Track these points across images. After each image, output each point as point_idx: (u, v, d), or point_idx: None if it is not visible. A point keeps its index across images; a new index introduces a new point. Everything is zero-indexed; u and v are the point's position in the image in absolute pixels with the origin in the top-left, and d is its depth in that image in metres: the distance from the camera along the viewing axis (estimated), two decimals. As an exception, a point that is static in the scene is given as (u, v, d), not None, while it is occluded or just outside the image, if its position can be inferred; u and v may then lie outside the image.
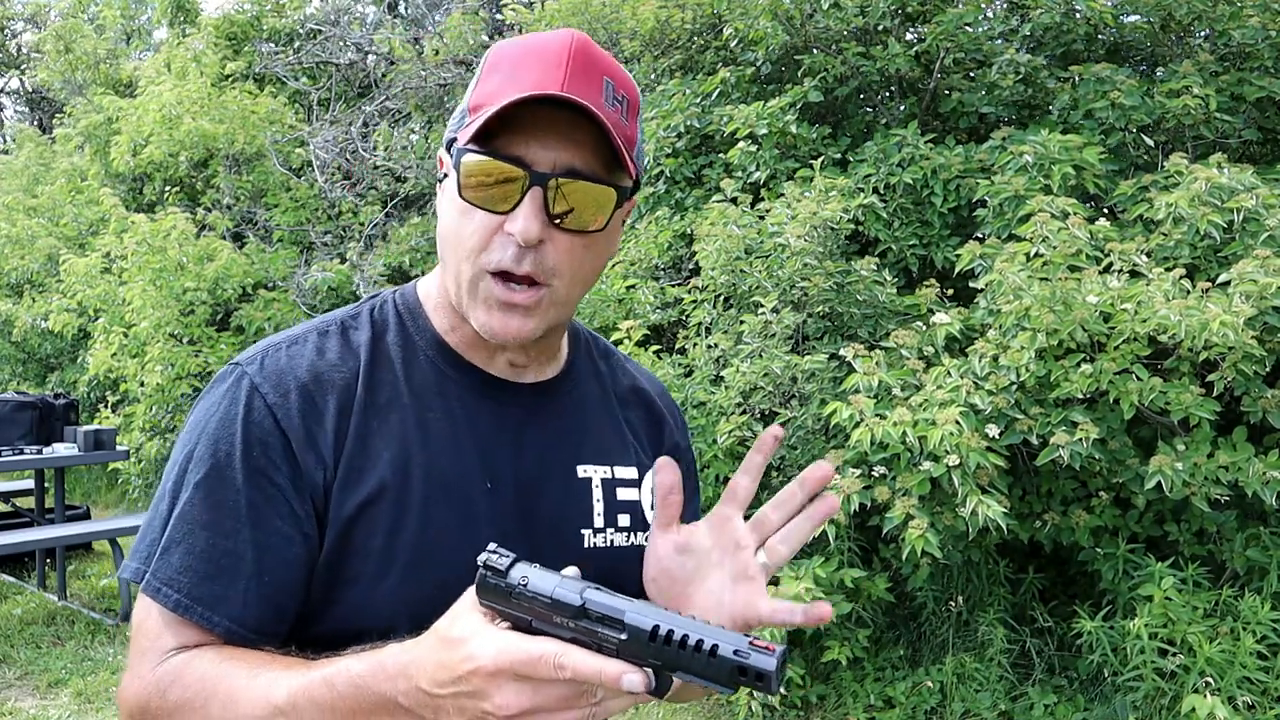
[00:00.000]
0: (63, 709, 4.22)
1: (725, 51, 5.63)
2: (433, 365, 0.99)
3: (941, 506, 3.46)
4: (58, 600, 5.59)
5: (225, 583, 0.88)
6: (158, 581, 0.89)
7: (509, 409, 1.00)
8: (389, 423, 0.95)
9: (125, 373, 7.31)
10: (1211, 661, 3.22)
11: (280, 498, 0.90)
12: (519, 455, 0.99)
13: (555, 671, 0.71)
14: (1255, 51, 4.41)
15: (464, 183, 0.89)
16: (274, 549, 0.90)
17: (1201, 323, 3.03)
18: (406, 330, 1.00)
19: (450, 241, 0.94)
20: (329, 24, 8.66)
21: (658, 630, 0.71)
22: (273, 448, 0.90)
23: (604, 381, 1.11)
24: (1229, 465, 3.23)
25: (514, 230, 0.88)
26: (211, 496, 0.90)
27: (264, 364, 0.94)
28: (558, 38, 0.91)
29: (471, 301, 0.93)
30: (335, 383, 0.94)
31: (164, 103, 7.58)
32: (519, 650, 0.72)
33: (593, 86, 0.90)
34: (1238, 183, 3.55)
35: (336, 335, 0.99)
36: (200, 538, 0.89)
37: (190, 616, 0.88)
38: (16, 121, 18.70)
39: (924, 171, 4.30)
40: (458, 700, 0.74)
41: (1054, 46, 4.85)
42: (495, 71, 0.92)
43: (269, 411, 0.91)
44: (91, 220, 8.92)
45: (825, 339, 4.10)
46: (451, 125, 0.95)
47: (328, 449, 0.92)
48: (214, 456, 0.90)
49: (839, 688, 3.98)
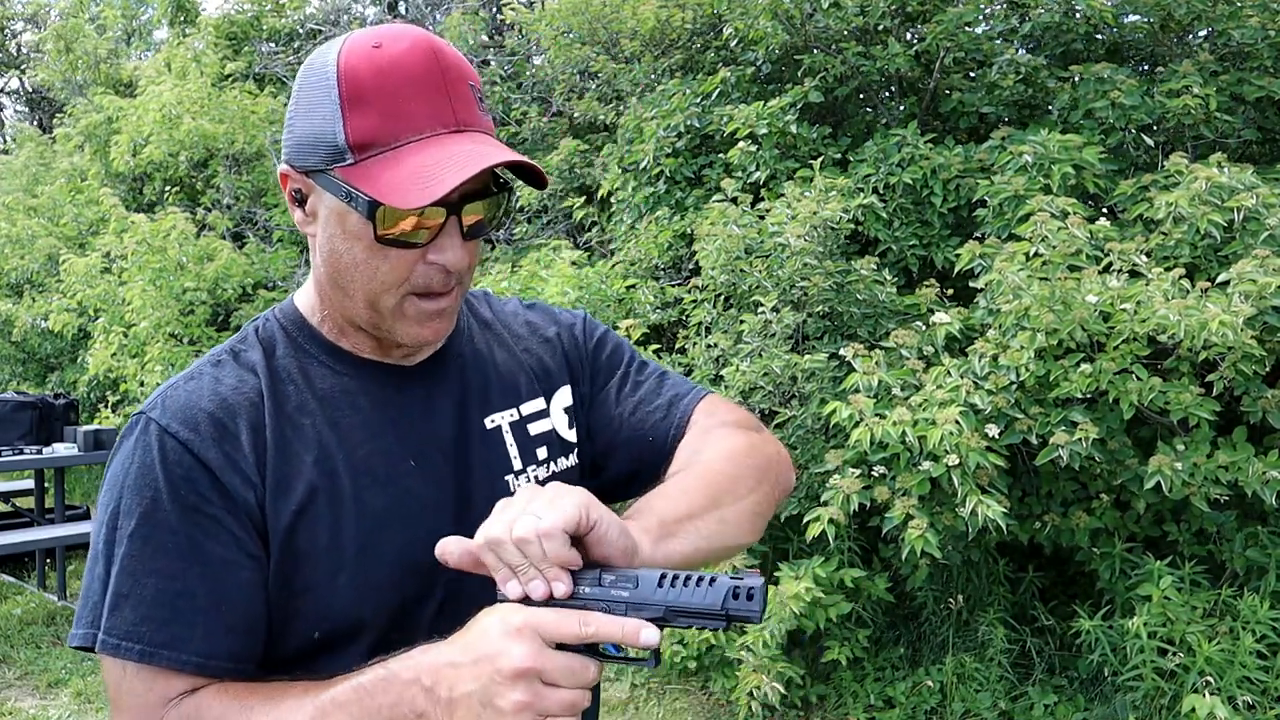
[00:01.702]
0: (63, 709, 4.23)
1: (725, 51, 5.63)
2: (330, 370, 1.02)
3: (941, 506, 3.46)
4: (58, 600, 5.59)
5: (185, 623, 0.89)
6: (115, 639, 0.88)
7: (411, 390, 1.04)
8: (303, 429, 0.97)
9: (125, 373, 7.30)
10: (1211, 661, 3.22)
11: (217, 527, 0.91)
12: (432, 428, 1.03)
13: (580, 628, 0.78)
14: (1255, 51, 4.41)
15: (381, 227, 0.91)
16: (224, 578, 0.90)
17: (1201, 322, 3.03)
18: (297, 343, 1.03)
19: (357, 275, 0.95)
20: (329, 24, 8.67)
21: (664, 576, 0.81)
22: (198, 481, 0.91)
23: (493, 329, 1.15)
24: (1229, 465, 3.23)
25: (442, 260, 0.93)
26: (149, 543, 0.90)
27: (166, 405, 0.95)
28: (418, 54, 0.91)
29: (397, 321, 0.97)
30: (241, 404, 0.96)
31: (164, 103, 7.58)
32: (547, 613, 0.79)
33: (468, 100, 0.93)
34: (1238, 182, 3.55)
35: (230, 362, 1.01)
36: (148, 585, 0.89)
37: (158, 663, 0.88)
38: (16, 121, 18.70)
39: (924, 171, 4.30)
40: (478, 665, 0.79)
41: (1054, 46, 4.85)
42: (364, 101, 0.90)
43: (183, 448, 0.92)
44: (91, 220, 8.91)
45: (825, 339, 4.10)
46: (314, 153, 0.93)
47: (250, 468, 0.93)
48: (141, 505, 0.91)
49: (839, 688, 3.98)
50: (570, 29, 6.40)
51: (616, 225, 5.42)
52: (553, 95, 6.69)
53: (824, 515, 3.40)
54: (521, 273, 5.05)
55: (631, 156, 5.25)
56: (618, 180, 5.33)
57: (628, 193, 5.26)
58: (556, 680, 0.78)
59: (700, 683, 4.21)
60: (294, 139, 0.95)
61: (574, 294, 4.68)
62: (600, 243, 5.88)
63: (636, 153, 5.21)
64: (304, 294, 1.07)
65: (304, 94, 0.94)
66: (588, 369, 1.18)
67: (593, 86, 6.49)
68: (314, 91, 0.93)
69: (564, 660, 0.79)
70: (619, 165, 5.35)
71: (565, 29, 6.44)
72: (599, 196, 5.72)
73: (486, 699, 0.78)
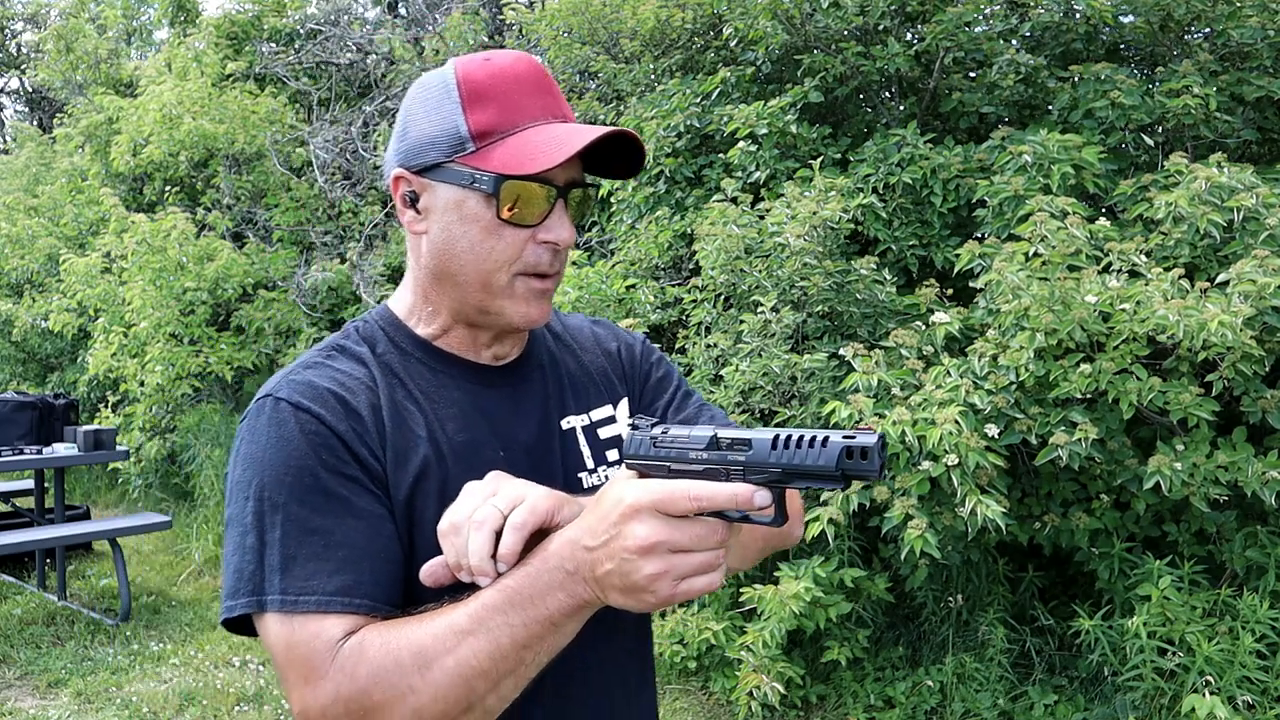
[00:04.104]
0: (63, 709, 4.23)
1: (725, 51, 5.63)
2: (427, 367, 1.12)
3: (941, 506, 3.46)
4: (58, 600, 5.59)
5: (351, 572, 0.96)
6: (293, 595, 0.95)
7: (500, 389, 1.14)
8: (411, 413, 1.07)
9: (125, 373, 7.31)
10: (1211, 661, 3.22)
11: (360, 487, 1.00)
12: (517, 423, 1.13)
13: (689, 501, 0.83)
14: (1254, 51, 4.41)
15: (505, 202, 1.03)
16: (377, 530, 0.99)
17: (1200, 323, 3.03)
18: (396, 344, 1.13)
19: (472, 258, 1.06)
20: (329, 24, 8.66)
21: (778, 438, 0.83)
22: (335, 448, 1.00)
23: (563, 340, 1.26)
24: (1228, 465, 3.23)
25: (554, 238, 1.05)
26: (305, 505, 0.97)
27: (291, 386, 1.04)
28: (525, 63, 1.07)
29: (508, 300, 1.07)
30: (358, 387, 1.06)
31: (164, 102, 7.58)
32: (657, 486, 0.85)
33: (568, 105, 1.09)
34: (1238, 182, 3.55)
35: (339, 355, 1.10)
36: (312, 543, 0.96)
37: (333, 610, 0.94)
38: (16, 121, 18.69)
39: (924, 171, 4.30)
40: (608, 546, 0.85)
41: (1053, 46, 4.85)
42: (484, 98, 1.04)
43: (317, 420, 1.01)
44: (91, 220, 8.92)
45: (825, 338, 4.10)
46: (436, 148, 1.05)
47: (373, 441, 1.03)
48: (290, 474, 0.98)
49: (839, 688, 3.98)
50: (570, 29, 6.41)
51: (616, 225, 5.42)
52: (553, 95, 6.68)
53: (824, 515, 3.40)
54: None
55: (631, 156, 5.25)
56: (618, 180, 5.33)
57: (628, 192, 5.26)
58: (685, 546, 0.84)
59: (700, 683, 4.21)
60: (407, 144, 1.07)
61: (574, 294, 4.68)
62: (600, 242, 5.89)
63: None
64: (398, 299, 1.17)
65: (418, 105, 1.08)
66: (639, 386, 1.28)
67: (593, 86, 6.49)
68: (430, 99, 1.06)
69: (688, 528, 0.84)
70: (619, 165, 5.34)
71: (565, 29, 6.45)
72: (599, 196, 5.71)
73: (624, 574, 0.85)
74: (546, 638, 0.90)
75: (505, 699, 0.92)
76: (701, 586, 0.86)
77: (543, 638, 0.90)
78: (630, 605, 0.88)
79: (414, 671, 0.89)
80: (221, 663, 4.73)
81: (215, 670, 4.63)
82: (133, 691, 4.40)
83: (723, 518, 0.86)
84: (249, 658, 4.77)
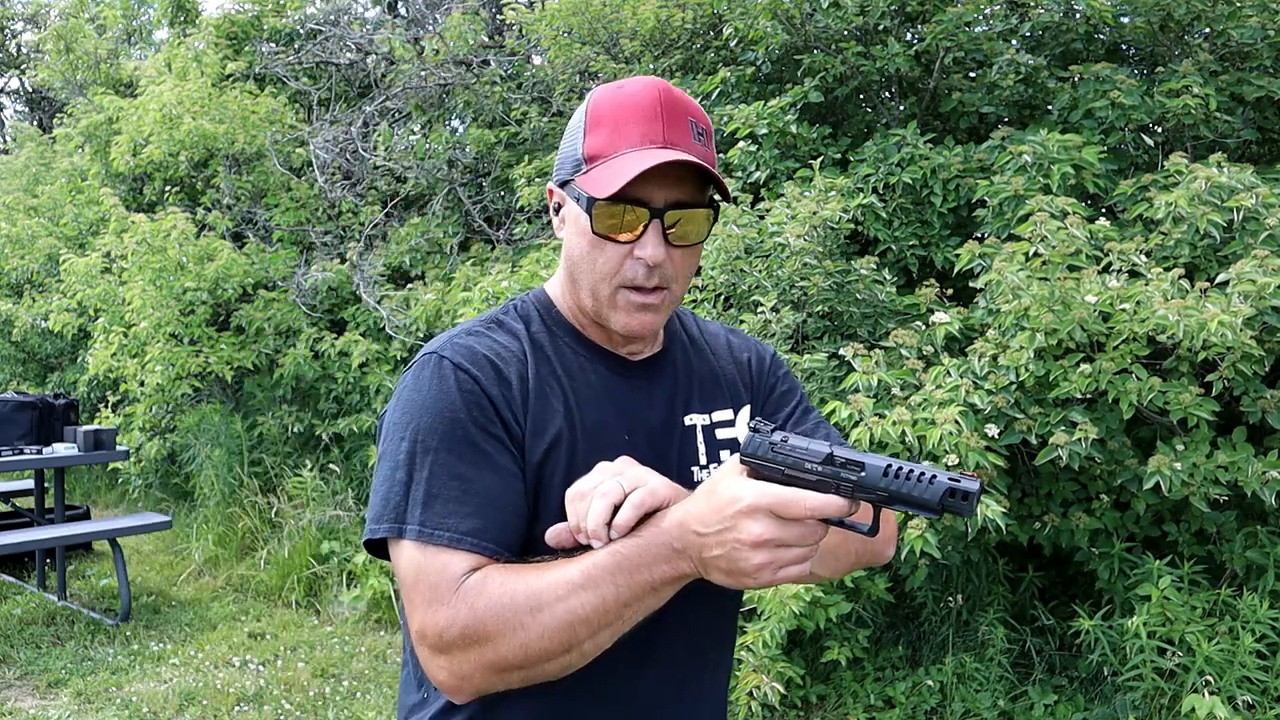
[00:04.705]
0: (63, 709, 4.23)
1: (725, 51, 5.63)
2: (572, 350, 1.23)
3: (941, 506, 3.45)
4: (58, 600, 5.59)
5: (484, 516, 1.08)
6: (430, 528, 1.07)
7: (634, 380, 1.25)
8: (553, 388, 1.18)
9: (125, 373, 7.31)
10: (1211, 661, 3.22)
11: (502, 446, 1.12)
12: (645, 413, 1.24)
13: (805, 511, 0.94)
14: (1254, 51, 4.41)
15: (596, 221, 1.14)
16: (511, 484, 1.11)
17: (1200, 323, 3.03)
18: (547, 324, 1.25)
19: (584, 266, 1.18)
20: (329, 24, 8.66)
21: (889, 467, 0.93)
22: (485, 408, 1.12)
23: (698, 345, 1.36)
24: (1228, 465, 3.23)
25: (644, 255, 1.14)
26: (453, 453, 1.10)
27: (455, 348, 1.16)
28: (648, 92, 1.16)
29: (611, 310, 1.18)
30: (510, 358, 1.17)
31: (164, 103, 7.57)
32: (776, 491, 0.95)
33: (683, 129, 1.16)
34: (1238, 182, 3.55)
35: (497, 328, 1.22)
36: (453, 487, 1.08)
37: (463, 547, 1.06)
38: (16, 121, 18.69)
39: (924, 171, 4.30)
40: (720, 535, 0.96)
41: (1054, 46, 4.85)
42: (600, 125, 1.16)
43: (474, 381, 1.13)
44: (91, 220, 8.91)
45: (825, 338, 4.10)
46: (564, 168, 1.20)
47: (518, 408, 1.14)
48: (443, 423, 1.11)
49: (839, 688, 3.98)
50: (570, 29, 6.41)
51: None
52: (553, 95, 6.69)
53: (824, 515, 3.39)
54: (522, 272, 5.04)
55: (631, 156, 5.25)
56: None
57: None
58: (789, 543, 0.95)
59: (700, 682, 4.21)
60: (557, 161, 1.22)
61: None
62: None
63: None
64: (554, 284, 1.29)
65: (569, 127, 1.21)
66: (763, 396, 1.37)
67: (593, 86, 6.48)
68: (574, 122, 1.20)
69: (796, 529, 0.95)
70: (619, 165, 5.34)
71: (565, 29, 6.45)
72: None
73: (732, 561, 0.96)
74: (645, 599, 1.01)
75: (600, 646, 1.03)
76: (795, 574, 0.98)
77: (642, 599, 1.01)
78: (728, 584, 0.99)
79: (526, 611, 1.00)
80: (221, 663, 4.73)
81: (215, 670, 4.63)
82: (133, 691, 4.40)
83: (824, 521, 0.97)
84: (249, 658, 4.77)
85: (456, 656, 1.03)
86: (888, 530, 1.25)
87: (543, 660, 1.02)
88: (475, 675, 1.03)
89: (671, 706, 1.21)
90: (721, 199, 1.22)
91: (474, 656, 1.02)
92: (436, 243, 6.82)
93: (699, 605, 1.17)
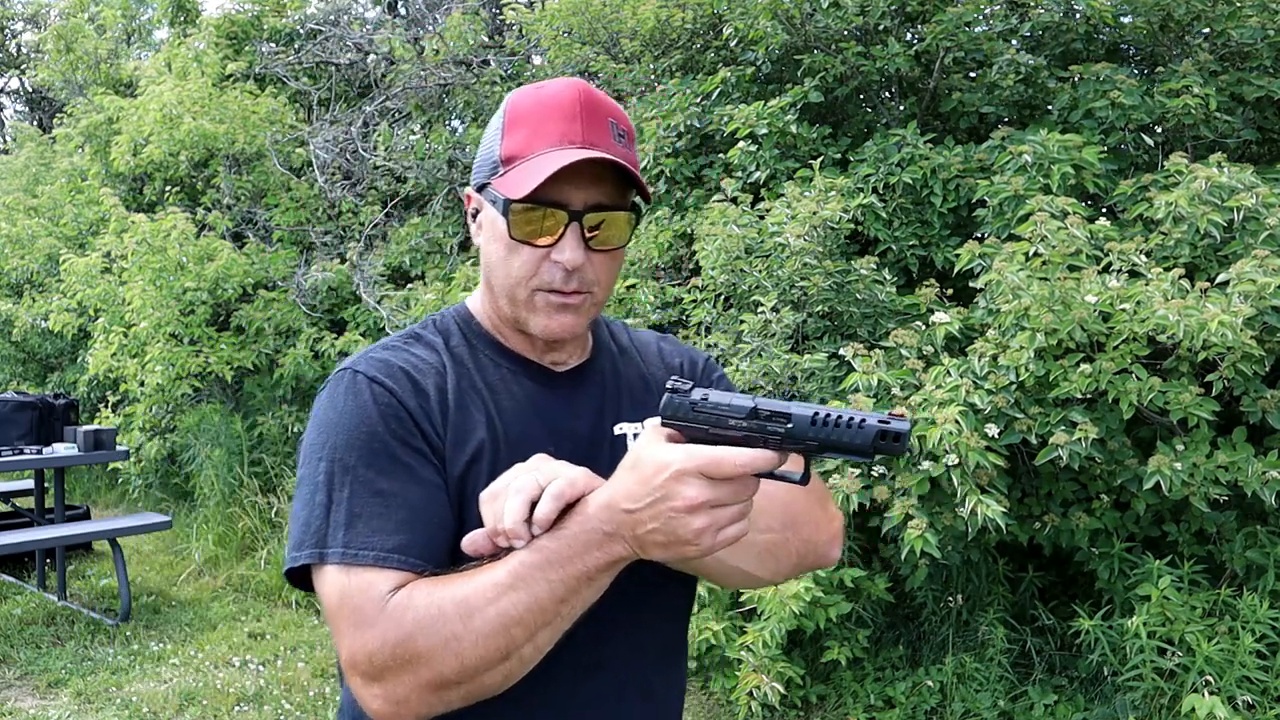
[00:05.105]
0: (63, 709, 4.23)
1: (725, 51, 5.63)
2: (494, 363, 1.20)
3: (941, 506, 3.46)
4: (58, 600, 5.59)
5: (408, 532, 1.04)
6: (354, 549, 1.02)
7: (559, 390, 1.21)
8: (475, 401, 1.15)
9: (125, 373, 7.31)
10: (1211, 661, 3.22)
11: (423, 458, 1.08)
12: (571, 425, 1.20)
13: (735, 469, 0.91)
14: (1254, 51, 4.41)
15: (513, 225, 1.11)
16: (435, 497, 1.07)
17: (1200, 323, 3.03)
18: (467, 338, 1.22)
19: (500, 271, 1.15)
20: (329, 24, 8.66)
21: (817, 415, 0.91)
22: (404, 420, 1.09)
23: (627, 353, 1.32)
24: (1228, 465, 3.23)
25: (562, 259, 1.11)
26: (373, 469, 1.06)
27: (369, 362, 1.13)
28: (567, 92, 1.14)
29: (529, 313, 1.15)
30: (428, 370, 1.15)
31: (164, 102, 7.57)
32: (704, 452, 0.92)
33: (603, 130, 1.13)
34: (1238, 182, 3.55)
35: (415, 341, 1.20)
36: (375, 504, 1.04)
37: (388, 565, 1.01)
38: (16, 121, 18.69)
39: (924, 171, 4.30)
40: (653, 507, 0.93)
41: (1054, 46, 4.85)
42: (518, 126, 1.13)
43: (390, 394, 1.10)
44: (91, 220, 8.91)
45: (825, 338, 4.10)
46: (481, 171, 1.17)
47: (437, 420, 1.11)
48: (361, 439, 1.07)
49: (839, 688, 3.98)
50: (570, 29, 6.41)
51: (616, 225, 5.41)
52: (553, 95, 6.68)
53: (824, 515, 3.39)
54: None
55: (631, 156, 5.25)
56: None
57: (628, 193, 5.25)
58: (725, 501, 0.92)
59: (700, 683, 4.22)
60: (475, 165, 1.19)
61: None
62: (600, 243, 5.88)
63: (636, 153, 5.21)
64: (474, 297, 1.26)
65: (488, 129, 1.18)
66: None
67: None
68: (492, 124, 1.17)
69: (729, 487, 0.92)
70: (619, 165, 5.34)
71: (565, 29, 6.45)
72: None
73: (670, 531, 0.93)
74: (582, 591, 0.98)
75: (541, 649, 0.99)
76: (735, 534, 0.94)
77: (578, 591, 0.97)
78: (670, 558, 0.97)
79: (456, 620, 0.96)
80: (221, 663, 4.73)
81: (215, 670, 4.63)
82: (133, 691, 4.40)
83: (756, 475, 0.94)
84: (249, 658, 4.77)
85: (390, 681, 0.97)
86: (832, 528, 1.19)
87: (481, 670, 0.97)
88: (412, 698, 0.97)
89: (614, 707, 1.17)
90: (643, 202, 1.18)
91: (409, 678, 0.97)
92: (436, 243, 6.82)
93: (643, 608, 1.15)
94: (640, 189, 1.15)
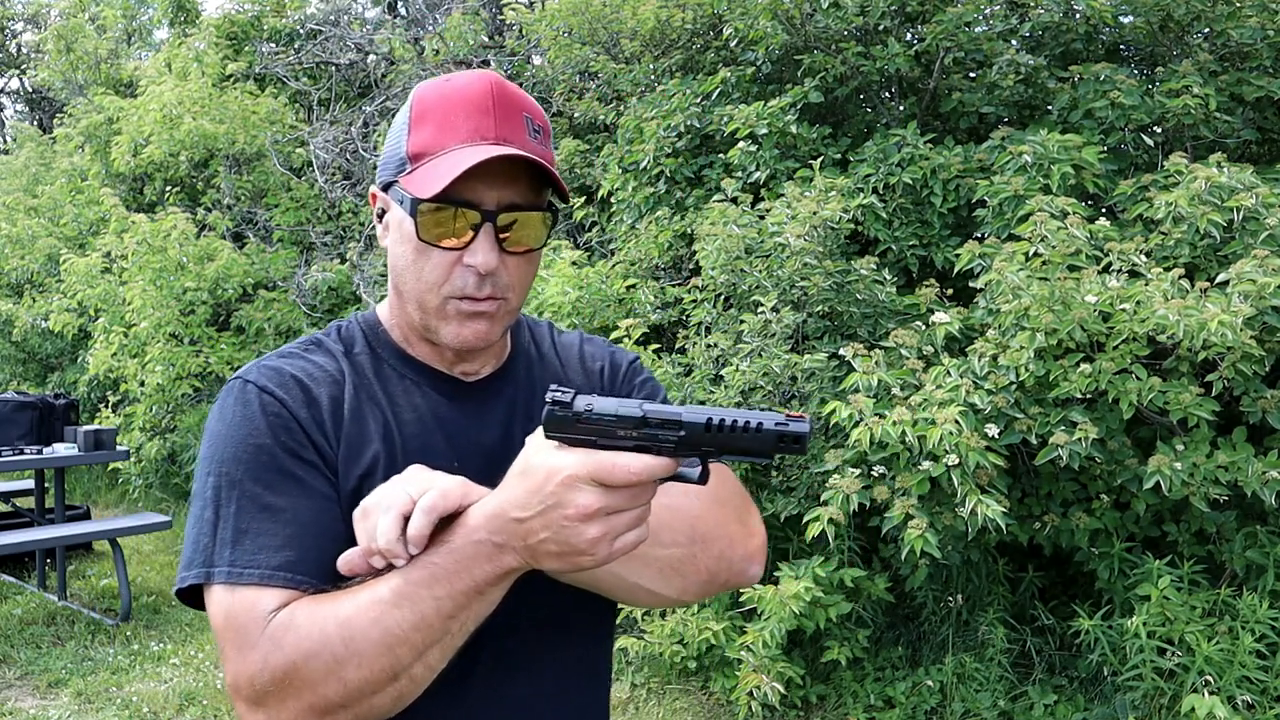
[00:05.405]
0: (63, 709, 4.23)
1: (725, 51, 5.63)
2: (397, 372, 1.14)
3: (941, 506, 3.46)
4: (58, 600, 5.60)
5: (298, 547, 0.99)
6: (239, 568, 0.98)
7: (465, 402, 1.15)
8: (372, 412, 1.10)
9: (125, 373, 7.31)
10: (1211, 661, 3.22)
11: (314, 470, 1.03)
12: (479, 437, 1.13)
13: (629, 475, 0.85)
14: (1254, 51, 4.41)
15: (422, 227, 1.04)
16: (325, 511, 1.02)
17: (1200, 322, 3.03)
18: (371, 345, 1.16)
19: (409, 276, 1.08)
20: (329, 24, 8.66)
21: (711, 421, 0.85)
22: (294, 431, 1.04)
23: (546, 358, 1.25)
24: (1228, 465, 3.23)
25: (474, 263, 1.04)
26: (260, 483, 1.01)
27: (260, 371, 1.08)
28: (478, 84, 1.07)
29: (440, 321, 1.08)
30: (324, 379, 1.10)
31: (165, 103, 7.58)
32: (597, 457, 0.86)
33: (517, 125, 1.06)
34: (1238, 182, 3.55)
35: (316, 349, 1.14)
36: (262, 519, 0.99)
37: (274, 584, 0.97)
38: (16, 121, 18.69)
39: (924, 171, 4.30)
40: (544, 515, 0.87)
41: (1053, 46, 4.85)
42: (426, 120, 1.07)
43: (280, 404, 1.05)
44: (91, 220, 8.92)
45: (825, 338, 4.10)
46: (388, 169, 1.10)
47: (330, 431, 1.06)
48: (248, 451, 1.02)
49: (839, 688, 3.98)
50: (570, 29, 6.41)
51: (617, 225, 5.42)
52: (553, 95, 6.69)
53: (824, 515, 3.40)
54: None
55: (631, 156, 5.26)
56: (618, 180, 5.33)
57: (628, 193, 5.26)
58: (620, 507, 0.87)
59: (700, 683, 4.22)
60: (380, 162, 1.12)
61: (574, 294, 4.68)
62: (600, 243, 5.89)
63: (636, 153, 5.22)
64: (384, 304, 1.20)
65: (394, 125, 1.11)
66: None
67: (593, 86, 6.49)
68: (399, 119, 1.10)
69: (624, 493, 0.87)
70: (619, 165, 5.35)
71: (565, 29, 6.45)
72: (599, 196, 5.73)
73: (563, 541, 0.87)
74: (472, 606, 0.92)
75: (433, 668, 0.94)
76: (632, 541, 0.89)
77: (467, 607, 0.92)
78: (564, 569, 0.90)
79: (338, 641, 0.91)
80: (222, 663, 4.73)
81: (215, 670, 4.63)
82: (133, 691, 4.40)
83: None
84: (249, 658, 4.78)
85: (273, 706, 0.92)
86: (750, 545, 1.12)
87: (367, 693, 0.91)
88: None
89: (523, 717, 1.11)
90: (560, 201, 1.12)
91: (292, 702, 0.92)
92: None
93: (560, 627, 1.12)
94: (558, 188, 1.08)
